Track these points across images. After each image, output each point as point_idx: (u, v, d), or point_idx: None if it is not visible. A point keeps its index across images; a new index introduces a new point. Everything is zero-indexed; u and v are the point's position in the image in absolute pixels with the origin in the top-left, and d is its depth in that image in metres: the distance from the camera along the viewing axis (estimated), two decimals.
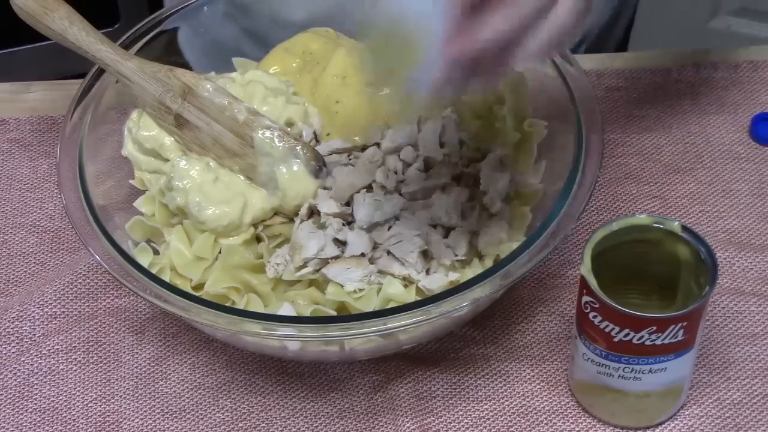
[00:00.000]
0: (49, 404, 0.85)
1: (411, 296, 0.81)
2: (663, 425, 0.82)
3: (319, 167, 0.85)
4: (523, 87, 0.90)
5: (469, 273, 0.82)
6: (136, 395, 0.85)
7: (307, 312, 0.80)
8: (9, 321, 0.89)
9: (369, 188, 0.85)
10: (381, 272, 0.81)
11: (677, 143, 0.98)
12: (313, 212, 0.84)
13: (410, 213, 0.83)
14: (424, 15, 0.65)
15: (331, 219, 0.83)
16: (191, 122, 0.86)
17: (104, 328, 0.89)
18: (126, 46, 0.90)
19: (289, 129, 0.86)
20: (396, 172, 0.85)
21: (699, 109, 1.01)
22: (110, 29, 1.75)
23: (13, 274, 0.92)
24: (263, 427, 0.83)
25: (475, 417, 0.83)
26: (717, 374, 0.84)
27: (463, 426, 0.82)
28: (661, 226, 0.77)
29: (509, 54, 0.67)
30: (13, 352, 0.87)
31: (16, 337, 0.88)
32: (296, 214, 0.84)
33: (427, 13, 0.65)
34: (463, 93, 0.72)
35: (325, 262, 0.81)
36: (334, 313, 0.80)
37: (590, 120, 0.83)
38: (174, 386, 0.85)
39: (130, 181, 0.88)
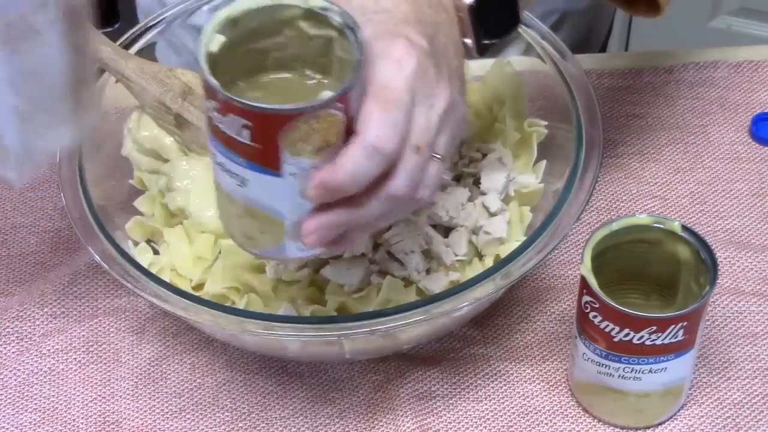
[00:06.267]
0: (49, 404, 0.85)
1: (411, 296, 0.80)
2: (663, 425, 0.82)
3: None
4: (522, 87, 0.90)
5: (469, 273, 0.82)
6: (136, 395, 0.85)
7: (307, 312, 0.80)
8: (9, 321, 0.89)
9: None
10: (381, 272, 0.81)
11: (677, 143, 0.98)
12: None
13: (410, 213, 0.83)
14: (277, 211, 0.65)
15: None
16: (191, 122, 0.86)
17: (104, 328, 0.89)
18: (126, 46, 0.90)
19: None
20: None
21: (699, 109, 1.01)
22: (110, 29, 1.75)
23: (13, 274, 0.92)
24: (263, 427, 0.83)
25: (475, 417, 0.83)
26: (717, 374, 0.84)
27: (463, 426, 0.82)
28: (661, 226, 0.77)
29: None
30: (13, 352, 0.87)
31: (16, 337, 0.88)
32: None
33: (280, 211, 0.65)
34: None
35: (325, 262, 0.81)
36: (334, 313, 0.80)
37: (590, 120, 0.83)
38: (174, 386, 0.85)
39: (130, 181, 0.88)
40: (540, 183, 0.87)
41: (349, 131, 0.62)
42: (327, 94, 0.61)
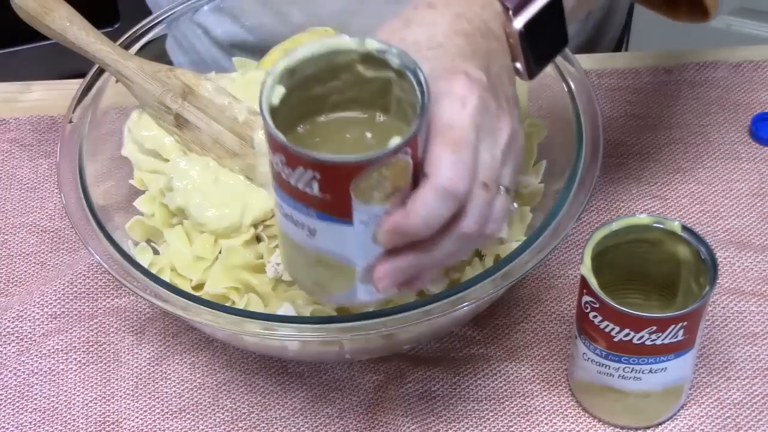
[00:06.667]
0: (49, 404, 0.85)
1: (411, 296, 0.80)
2: (663, 425, 0.82)
3: None
4: (523, 87, 0.90)
5: (469, 273, 0.82)
6: (136, 395, 0.85)
7: (307, 312, 0.80)
8: (9, 321, 0.89)
9: None
10: None
11: (677, 143, 0.98)
12: None
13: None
14: (347, 259, 0.65)
15: None
16: (191, 122, 0.86)
17: (104, 328, 0.89)
18: (126, 46, 0.90)
19: None
20: None
21: (699, 109, 1.01)
22: (110, 29, 1.75)
23: (13, 274, 0.92)
24: (263, 427, 0.83)
25: (475, 417, 0.83)
26: (717, 374, 0.84)
27: (463, 426, 0.82)
28: (661, 226, 0.77)
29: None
30: (13, 352, 0.87)
31: (16, 337, 0.88)
32: None
33: (351, 259, 0.65)
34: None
35: None
36: (334, 313, 0.80)
37: (590, 120, 0.83)
38: (174, 386, 0.85)
39: (130, 181, 0.88)
40: (540, 183, 0.87)
41: (415, 173, 0.62)
42: (396, 141, 0.60)
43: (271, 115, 0.62)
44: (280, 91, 0.63)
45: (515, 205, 0.82)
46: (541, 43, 0.70)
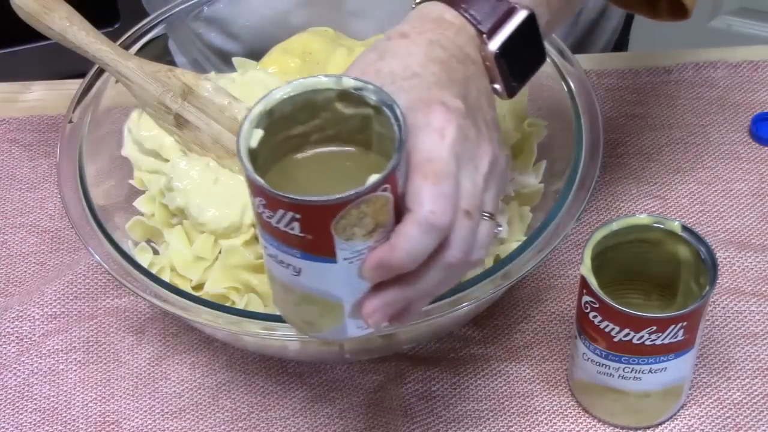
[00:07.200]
0: (49, 404, 0.85)
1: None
2: (663, 425, 0.82)
3: None
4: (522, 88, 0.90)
5: (469, 273, 0.82)
6: (136, 395, 0.85)
7: None
8: (9, 321, 0.89)
9: None
10: None
11: (677, 143, 0.98)
12: None
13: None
14: (335, 296, 0.65)
15: None
16: (191, 122, 0.86)
17: (104, 328, 0.89)
18: (126, 46, 0.90)
19: None
20: None
21: (699, 109, 1.01)
22: (110, 29, 1.75)
23: (13, 274, 0.92)
24: (263, 427, 0.83)
25: (475, 417, 0.83)
26: (717, 374, 0.84)
27: (463, 426, 0.82)
28: (661, 226, 0.77)
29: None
30: (13, 352, 0.88)
31: (16, 337, 0.88)
32: None
33: (338, 296, 0.65)
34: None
35: None
36: None
37: (590, 120, 0.83)
38: (174, 386, 0.85)
39: (130, 181, 0.88)
40: (540, 183, 0.87)
41: (396, 207, 0.62)
42: (373, 178, 0.60)
43: (250, 158, 0.62)
44: (258, 134, 0.63)
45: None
46: (519, 62, 0.69)
